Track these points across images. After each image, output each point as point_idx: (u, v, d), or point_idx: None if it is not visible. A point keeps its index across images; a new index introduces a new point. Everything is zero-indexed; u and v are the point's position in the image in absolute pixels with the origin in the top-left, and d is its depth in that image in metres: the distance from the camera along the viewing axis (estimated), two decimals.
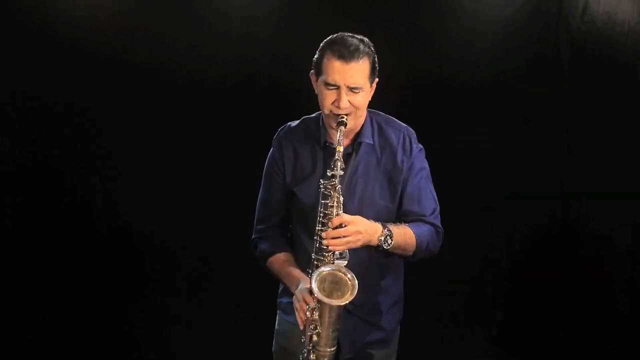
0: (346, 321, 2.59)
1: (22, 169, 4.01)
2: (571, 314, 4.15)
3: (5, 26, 3.88)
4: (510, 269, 4.19)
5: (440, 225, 2.67)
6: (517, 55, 4.06)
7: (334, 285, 2.45)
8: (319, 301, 2.40)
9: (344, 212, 2.45)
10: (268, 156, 2.75)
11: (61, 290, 4.04)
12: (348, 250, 2.46)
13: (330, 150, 2.57)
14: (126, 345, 4.11)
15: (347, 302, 2.38)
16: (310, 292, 2.42)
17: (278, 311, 2.85)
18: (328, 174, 2.44)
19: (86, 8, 3.92)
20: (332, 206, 2.43)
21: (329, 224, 2.42)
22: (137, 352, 4.13)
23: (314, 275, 2.41)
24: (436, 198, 2.69)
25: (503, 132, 4.07)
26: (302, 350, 2.52)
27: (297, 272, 2.60)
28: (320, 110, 2.61)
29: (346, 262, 2.47)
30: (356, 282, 2.39)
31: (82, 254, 4.06)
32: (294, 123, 2.74)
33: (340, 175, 2.43)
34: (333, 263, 2.44)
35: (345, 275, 2.42)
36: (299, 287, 2.52)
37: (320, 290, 2.40)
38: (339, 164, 2.42)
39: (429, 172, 2.70)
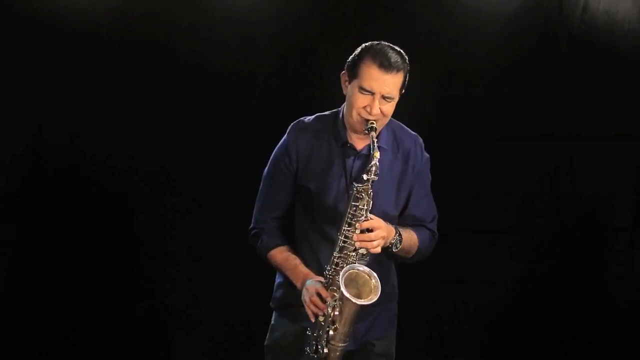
0: None
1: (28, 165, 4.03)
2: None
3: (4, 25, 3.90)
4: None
5: (436, 232, 2.77)
6: (516, 53, 4.06)
7: (354, 283, 2.50)
8: (341, 299, 2.45)
9: None
10: (278, 146, 2.73)
11: (60, 292, 4.04)
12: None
13: (348, 151, 2.64)
14: (126, 346, 4.11)
15: (372, 301, 2.44)
16: (327, 287, 2.51)
17: (273, 305, 2.84)
18: (364, 177, 2.49)
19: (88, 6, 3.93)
20: (362, 208, 2.50)
21: (357, 225, 2.48)
22: (137, 352, 4.13)
23: (341, 274, 2.46)
24: (435, 206, 2.78)
25: (502, 130, 4.07)
26: (311, 342, 2.55)
27: (302, 266, 2.64)
28: (335, 108, 2.68)
29: (367, 263, 2.54)
30: (379, 283, 2.46)
31: (82, 255, 4.05)
32: (309, 118, 2.74)
33: (374, 181, 2.49)
34: (356, 263, 2.51)
35: (370, 277, 2.49)
36: (309, 282, 2.57)
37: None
38: (373, 169, 2.48)
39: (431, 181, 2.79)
